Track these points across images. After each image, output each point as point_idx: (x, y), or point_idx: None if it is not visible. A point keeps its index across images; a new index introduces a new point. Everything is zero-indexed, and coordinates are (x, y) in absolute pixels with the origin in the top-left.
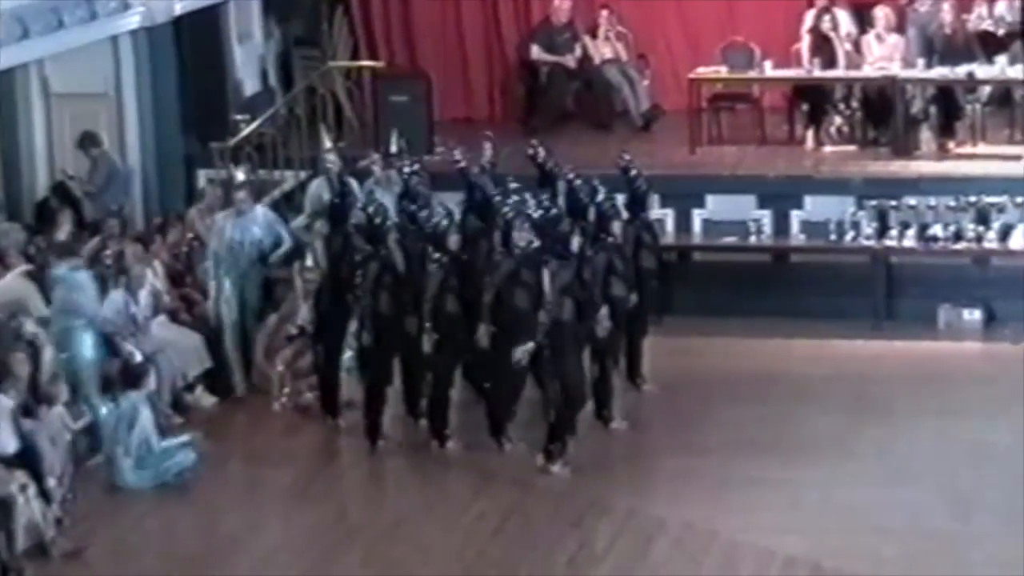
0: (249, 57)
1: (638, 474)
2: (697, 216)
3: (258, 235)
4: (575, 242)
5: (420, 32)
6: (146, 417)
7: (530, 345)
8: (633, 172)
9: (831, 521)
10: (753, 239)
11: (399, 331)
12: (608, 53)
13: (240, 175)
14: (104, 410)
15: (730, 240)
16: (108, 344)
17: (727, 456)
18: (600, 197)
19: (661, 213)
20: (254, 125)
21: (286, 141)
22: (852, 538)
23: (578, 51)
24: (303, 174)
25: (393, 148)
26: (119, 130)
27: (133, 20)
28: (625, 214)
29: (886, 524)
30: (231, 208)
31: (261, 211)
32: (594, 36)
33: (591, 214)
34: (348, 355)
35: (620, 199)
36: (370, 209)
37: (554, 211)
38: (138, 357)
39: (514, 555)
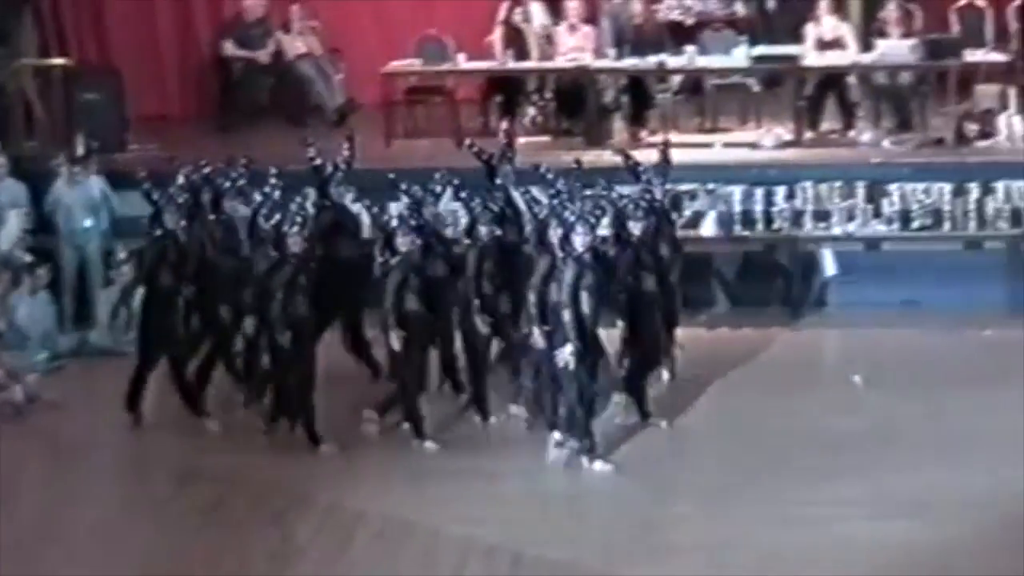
0: None
1: (340, 467)
2: (394, 210)
3: None
4: (580, 240)
5: (111, 28)
6: None
7: (569, 347)
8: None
9: (531, 510)
10: (450, 231)
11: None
12: (301, 47)
13: None
14: None
15: None
16: None
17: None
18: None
19: (357, 208)
20: None
21: None
22: (552, 526)
23: (271, 46)
24: None
25: (80, 150)
26: None
27: None
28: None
29: (586, 511)
30: None
31: None
32: (287, 31)
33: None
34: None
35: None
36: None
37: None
38: None
39: (215, 552)
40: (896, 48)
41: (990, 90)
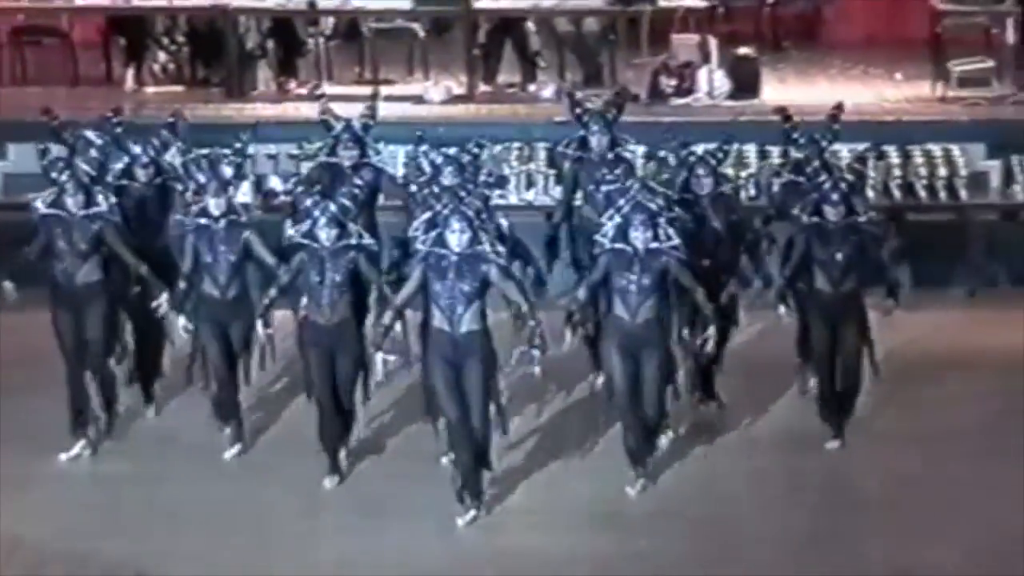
0: None
1: None
2: None
3: None
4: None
5: None
6: None
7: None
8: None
9: (156, 522)
10: None
11: None
12: None
13: None
14: None
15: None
16: None
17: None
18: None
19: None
20: None
21: None
22: (178, 540)
23: None
24: None
25: None
26: None
27: None
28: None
29: (228, 523)
30: None
31: None
32: None
33: None
34: None
35: None
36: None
37: None
38: None
39: None
40: None
41: (688, 40)
